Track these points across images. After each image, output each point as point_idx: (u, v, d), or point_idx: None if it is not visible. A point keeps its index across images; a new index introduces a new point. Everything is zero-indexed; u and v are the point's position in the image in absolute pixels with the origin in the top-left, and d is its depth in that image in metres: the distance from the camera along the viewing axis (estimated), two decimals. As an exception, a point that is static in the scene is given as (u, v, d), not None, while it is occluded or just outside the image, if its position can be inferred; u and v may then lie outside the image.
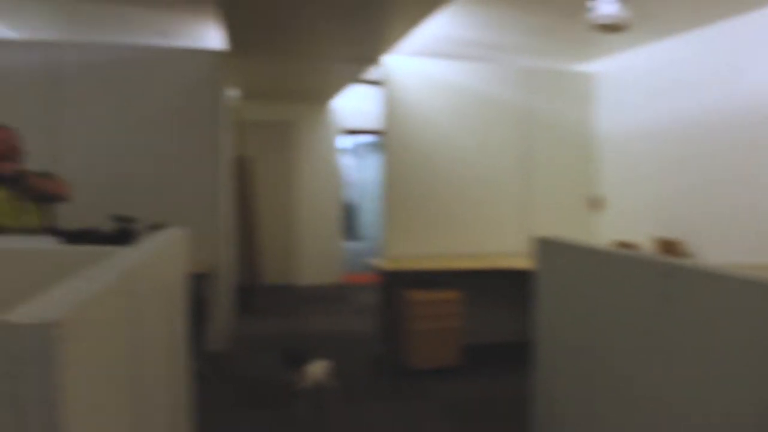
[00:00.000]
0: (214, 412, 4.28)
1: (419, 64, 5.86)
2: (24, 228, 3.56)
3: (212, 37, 6.49)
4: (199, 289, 5.01)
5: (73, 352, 0.66)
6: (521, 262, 5.34)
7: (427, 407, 4.48)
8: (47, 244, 1.54)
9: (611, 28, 4.16)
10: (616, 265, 2.42)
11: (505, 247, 6.02)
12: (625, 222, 6.00)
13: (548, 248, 3.04)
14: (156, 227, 4.97)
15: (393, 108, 5.78)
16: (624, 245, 5.72)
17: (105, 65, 5.28)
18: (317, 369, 4.27)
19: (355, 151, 14.98)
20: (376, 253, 8.08)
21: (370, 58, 5.84)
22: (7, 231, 3.52)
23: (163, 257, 1.27)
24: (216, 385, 4.81)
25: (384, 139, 5.84)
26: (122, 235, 4.21)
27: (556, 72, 6.38)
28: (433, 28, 5.14)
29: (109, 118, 5.27)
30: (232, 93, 6.92)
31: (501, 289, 5.95)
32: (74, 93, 5.22)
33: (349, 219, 12.20)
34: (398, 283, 5.44)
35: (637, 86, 5.84)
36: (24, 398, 0.63)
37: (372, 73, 6.63)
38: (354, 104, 9.07)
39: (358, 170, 15.38)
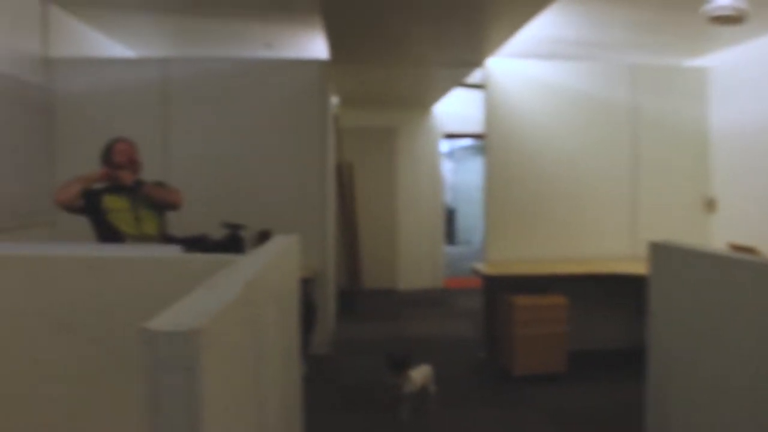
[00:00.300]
0: (318, 414, 4.37)
1: (521, 66, 5.76)
2: (143, 235, 3.76)
3: (314, 47, 6.65)
4: (308, 294, 5.13)
5: (210, 359, 0.68)
6: (628, 267, 5.13)
7: (531, 415, 4.38)
8: (168, 252, 1.63)
9: (728, 20, 3.94)
10: (736, 270, 2.28)
11: (610, 250, 5.81)
12: (737, 224, 5.66)
13: (663, 253, 2.91)
14: (264, 234, 5.14)
15: (495, 110, 5.71)
16: (739, 249, 5.39)
17: (214, 78, 5.51)
18: (420, 373, 4.28)
19: (454, 154, 14.92)
20: (475, 257, 7.96)
21: (474, 61, 5.80)
22: (128, 238, 3.74)
23: (279, 264, 1.31)
24: (320, 388, 4.90)
25: (485, 143, 5.79)
26: (232, 241, 4.37)
27: (665, 68, 6.11)
28: (535, 29, 5.04)
29: (218, 128, 5.50)
30: (332, 101, 7.06)
31: (607, 295, 5.75)
32: (185, 105, 5.47)
33: (448, 223, 12.14)
34: (501, 288, 5.37)
35: (753, 80, 5.50)
36: (165, 405, 0.65)
37: (473, 76, 6.58)
38: (453, 108, 9.04)
39: (457, 174, 15.31)
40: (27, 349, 1.43)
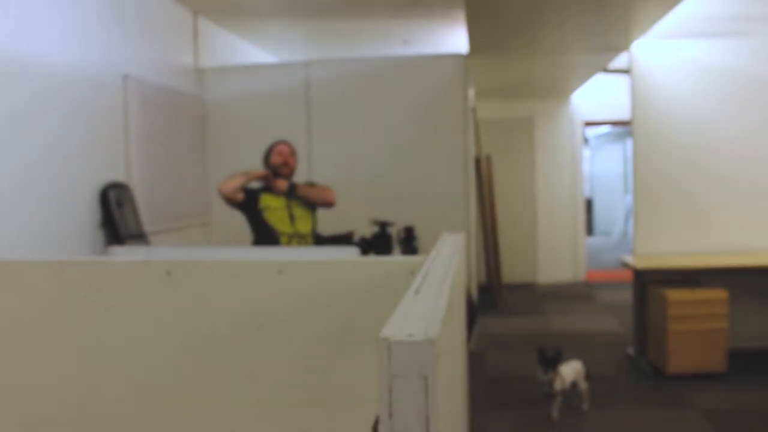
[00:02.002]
0: (469, 410, 4.39)
1: (670, 47, 5.45)
2: (297, 233, 3.94)
3: (449, 42, 6.66)
4: (468, 291, 5.15)
5: (440, 366, 0.70)
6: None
7: (687, 416, 4.16)
8: (349, 255, 1.69)
9: None
10: None
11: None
12: None
13: None
14: (408, 230, 5.21)
15: (642, 95, 5.45)
16: None
17: (354, 78, 5.64)
18: (571, 370, 4.18)
19: (591, 143, 14.41)
20: (615, 248, 7.63)
21: (619, 46, 5.56)
22: (283, 236, 3.92)
23: (457, 264, 1.32)
24: (469, 384, 4.91)
25: (632, 129, 5.53)
26: (381, 238, 4.46)
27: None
28: (689, 6, 4.75)
29: (360, 128, 5.63)
30: (470, 94, 7.03)
31: (772, 289, 5.34)
32: (326, 107, 5.64)
33: (586, 214, 11.78)
34: (652, 282, 5.13)
35: None
36: (401, 413, 0.68)
37: (617, 60, 6.31)
38: (592, 95, 8.74)
39: (594, 163, 14.78)
40: (221, 350, 1.53)
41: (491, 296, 7.59)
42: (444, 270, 1.09)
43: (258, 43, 6.76)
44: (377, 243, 4.38)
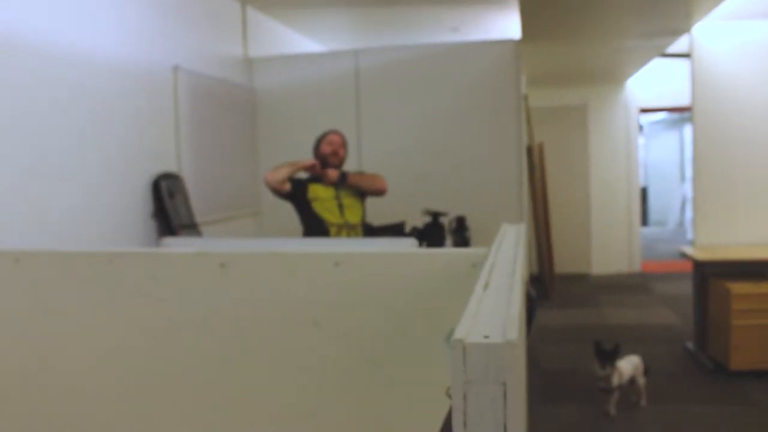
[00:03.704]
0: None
1: (734, 29, 5.21)
2: (347, 223, 3.89)
3: (499, 28, 6.51)
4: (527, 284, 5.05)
5: (516, 369, 0.65)
6: None
7: (751, 414, 3.99)
8: (407, 247, 1.64)
9: None
10: None
11: None
12: None
13: None
14: (459, 220, 5.13)
15: (704, 80, 5.23)
16: None
17: (403, 66, 5.54)
18: (629, 365, 4.05)
19: (646, 130, 14.02)
20: (671, 238, 7.40)
21: (680, 28, 5.34)
22: (332, 226, 3.88)
23: (522, 257, 1.25)
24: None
25: (693, 116, 5.32)
26: (433, 228, 4.39)
27: None
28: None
29: (409, 116, 5.54)
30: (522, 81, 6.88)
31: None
32: (375, 95, 5.56)
33: (642, 203, 11.49)
34: (714, 274, 4.93)
35: None
36: (477, 419, 0.63)
37: (676, 44, 6.08)
38: (648, 81, 8.47)
39: (649, 150, 14.38)
40: (277, 345, 1.49)
41: (544, 287, 7.45)
42: (511, 263, 1.02)
43: (306, 32, 6.74)
44: (429, 233, 4.31)
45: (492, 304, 0.75)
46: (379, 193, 4.01)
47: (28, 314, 1.67)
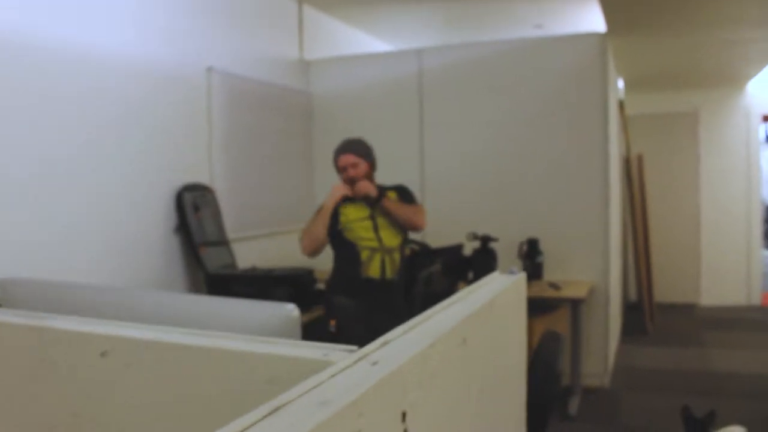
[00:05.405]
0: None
1: None
2: (383, 247, 3.33)
3: (589, 26, 5.73)
4: (578, 317, 4.30)
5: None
6: None
7: None
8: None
9: None
10: None
11: None
12: None
13: None
14: (532, 243, 4.43)
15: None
16: None
17: (471, 65, 4.92)
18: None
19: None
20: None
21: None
22: (366, 250, 3.31)
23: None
24: (589, 431, 4.05)
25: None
26: (483, 255, 3.73)
27: None
28: None
29: (477, 120, 4.90)
30: (618, 85, 6.04)
31: None
32: (440, 97, 5.00)
33: (765, 224, 10.15)
34: None
35: None
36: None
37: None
38: (773, 83, 7.37)
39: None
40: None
41: (641, 318, 6.53)
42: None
43: (369, 30, 6.25)
44: (478, 260, 3.66)
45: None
46: (414, 229, 3.41)
47: None
